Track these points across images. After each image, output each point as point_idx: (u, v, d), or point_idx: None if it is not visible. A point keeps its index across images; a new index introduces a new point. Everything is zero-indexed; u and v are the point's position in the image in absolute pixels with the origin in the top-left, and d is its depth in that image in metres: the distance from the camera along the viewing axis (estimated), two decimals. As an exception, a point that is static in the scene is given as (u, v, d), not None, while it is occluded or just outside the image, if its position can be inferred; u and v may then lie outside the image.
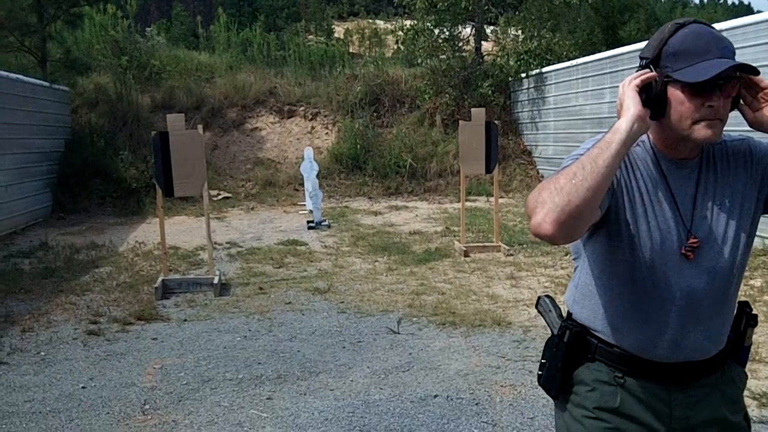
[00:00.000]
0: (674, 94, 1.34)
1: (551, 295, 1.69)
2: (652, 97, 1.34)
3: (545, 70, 12.77)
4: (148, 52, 14.43)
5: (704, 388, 1.47)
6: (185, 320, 5.07)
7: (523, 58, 13.84)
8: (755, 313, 1.55)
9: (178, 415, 3.43)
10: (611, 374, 1.47)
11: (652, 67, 1.37)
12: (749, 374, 1.66)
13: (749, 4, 57.83)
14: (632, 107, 1.31)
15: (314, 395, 3.63)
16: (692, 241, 1.40)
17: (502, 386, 3.69)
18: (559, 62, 12.73)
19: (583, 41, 16.36)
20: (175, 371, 4.01)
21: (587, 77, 10.91)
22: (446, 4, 13.93)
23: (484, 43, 15.67)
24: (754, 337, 1.57)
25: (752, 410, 3.21)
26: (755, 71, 1.34)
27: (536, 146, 13.19)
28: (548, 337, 1.58)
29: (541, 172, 12.92)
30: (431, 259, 7.01)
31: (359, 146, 13.05)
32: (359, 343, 4.48)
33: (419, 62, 15.24)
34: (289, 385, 3.78)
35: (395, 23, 18.09)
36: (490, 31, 16.80)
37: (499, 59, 14.33)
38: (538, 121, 12.99)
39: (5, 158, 9.19)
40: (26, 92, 10.17)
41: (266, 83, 14.37)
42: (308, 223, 9.29)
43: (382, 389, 3.69)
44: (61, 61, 12.76)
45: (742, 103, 1.40)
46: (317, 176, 9.91)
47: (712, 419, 1.47)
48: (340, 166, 13.08)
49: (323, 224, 9.23)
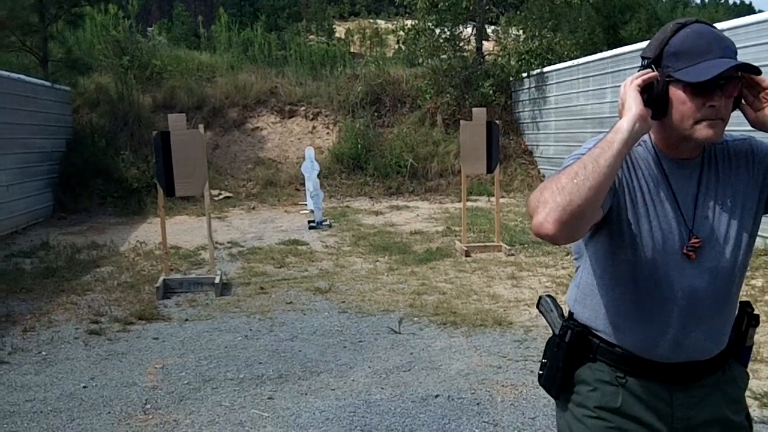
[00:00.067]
0: (676, 93, 1.34)
1: (552, 294, 1.69)
2: (653, 96, 1.34)
3: (546, 69, 12.76)
4: (149, 52, 14.43)
5: (706, 388, 1.46)
6: (186, 320, 5.07)
7: (524, 57, 13.83)
8: (757, 313, 1.56)
9: (179, 414, 3.43)
10: (613, 374, 1.47)
11: (653, 66, 1.37)
12: (751, 374, 1.66)
13: (750, 3, 57.86)
14: (634, 107, 1.31)
15: (315, 395, 3.63)
16: (694, 240, 1.40)
17: (503, 386, 3.69)
18: (560, 62, 12.72)
19: (584, 41, 16.37)
20: (176, 371, 4.02)
21: (588, 77, 10.91)
22: (447, 3, 13.93)
23: (485, 42, 15.65)
24: (755, 337, 1.57)
25: (754, 410, 3.21)
26: (757, 71, 1.34)
27: (537, 146, 13.18)
28: (549, 336, 1.58)
29: (542, 172, 12.91)
30: (432, 258, 7.01)
31: (360, 146, 13.05)
32: (360, 342, 4.48)
33: (420, 62, 15.24)
34: (290, 384, 3.78)
35: (396, 23, 18.07)
36: (491, 30, 16.77)
37: (500, 59, 14.31)
38: (539, 120, 12.98)
39: (7, 158, 9.20)
40: (27, 92, 10.18)
41: (267, 83, 14.37)
42: (309, 222, 9.28)
43: (383, 389, 3.69)
44: (62, 60, 12.76)
45: (743, 102, 1.40)
46: (318, 176, 9.91)
47: (713, 419, 1.47)
48: (341, 165, 13.08)
49: (324, 224, 9.23)
